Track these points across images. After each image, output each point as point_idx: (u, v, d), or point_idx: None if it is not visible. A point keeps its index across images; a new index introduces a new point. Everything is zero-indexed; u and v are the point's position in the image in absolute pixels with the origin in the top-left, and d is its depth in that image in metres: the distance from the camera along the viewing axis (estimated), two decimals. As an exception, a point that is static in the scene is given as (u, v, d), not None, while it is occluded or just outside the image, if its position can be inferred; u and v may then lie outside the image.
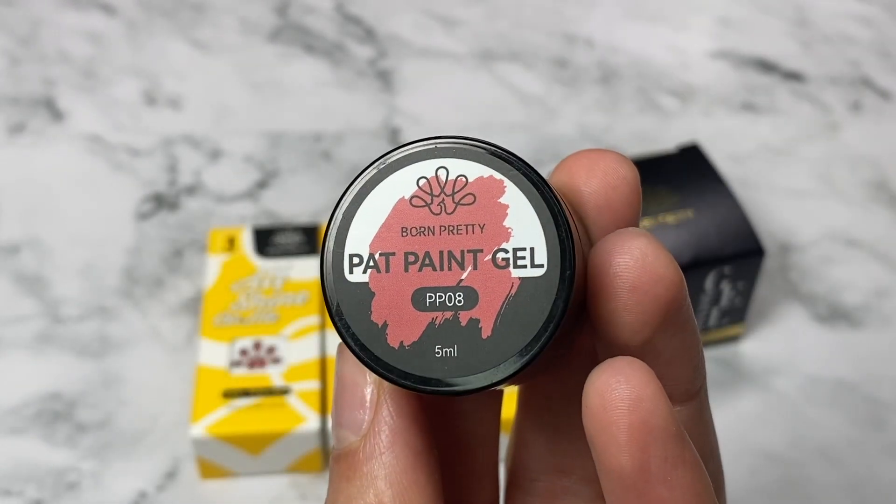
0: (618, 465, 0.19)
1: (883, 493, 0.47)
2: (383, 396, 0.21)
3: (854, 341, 0.53)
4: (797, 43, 0.71)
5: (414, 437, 0.21)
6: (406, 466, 0.21)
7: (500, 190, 0.20)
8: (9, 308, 0.53)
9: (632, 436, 0.19)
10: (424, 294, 0.20)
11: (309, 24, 0.71)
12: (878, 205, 0.60)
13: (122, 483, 0.47)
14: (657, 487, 0.19)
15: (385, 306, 0.20)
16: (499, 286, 0.20)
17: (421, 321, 0.20)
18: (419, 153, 0.21)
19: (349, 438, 0.21)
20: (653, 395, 0.19)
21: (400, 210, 0.21)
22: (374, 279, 0.20)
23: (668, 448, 0.19)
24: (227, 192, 0.59)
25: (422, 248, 0.20)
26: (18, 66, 0.67)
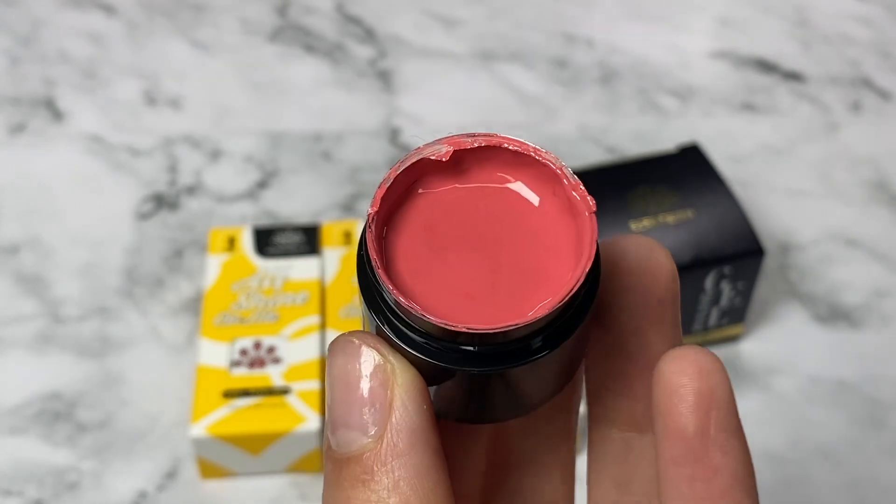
0: (682, 426, 0.20)
1: (883, 493, 0.47)
2: (398, 394, 0.20)
3: (854, 341, 0.53)
4: (797, 43, 0.71)
5: (433, 436, 0.20)
6: (428, 467, 0.20)
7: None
8: (9, 308, 0.53)
9: (699, 400, 0.20)
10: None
11: (309, 24, 0.71)
12: (878, 205, 0.60)
13: (122, 483, 0.47)
14: (714, 452, 0.20)
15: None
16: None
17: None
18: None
19: (359, 440, 0.20)
20: (720, 371, 0.21)
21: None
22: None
23: (727, 418, 0.21)
24: (228, 192, 0.59)
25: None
26: (19, 66, 0.67)
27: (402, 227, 0.21)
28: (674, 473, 0.21)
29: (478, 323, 0.20)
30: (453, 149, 0.21)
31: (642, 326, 0.22)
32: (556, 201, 0.21)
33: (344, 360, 0.21)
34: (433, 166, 0.21)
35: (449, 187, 0.22)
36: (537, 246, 0.21)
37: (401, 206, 0.22)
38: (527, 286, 0.21)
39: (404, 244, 0.21)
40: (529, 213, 0.22)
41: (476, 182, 0.22)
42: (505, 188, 0.22)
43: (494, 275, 0.21)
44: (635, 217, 0.49)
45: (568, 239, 0.21)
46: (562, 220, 0.21)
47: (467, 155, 0.22)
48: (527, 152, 0.21)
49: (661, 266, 0.22)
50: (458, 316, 0.20)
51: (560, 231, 0.21)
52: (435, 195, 0.22)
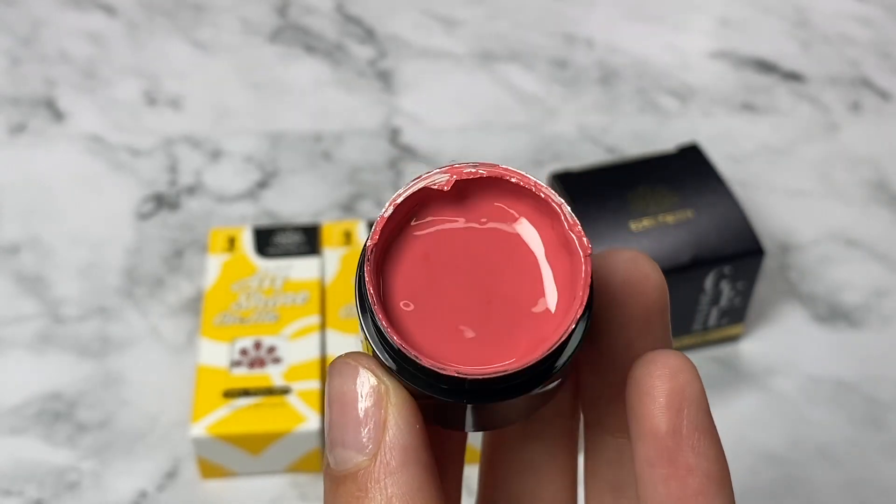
0: (655, 427, 0.21)
1: (883, 493, 0.47)
2: (391, 413, 0.21)
3: (853, 341, 0.53)
4: (797, 43, 0.71)
5: (425, 454, 0.21)
6: (421, 484, 0.20)
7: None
8: (9, 308, 0.53)
9: (670, 399, 0.21)
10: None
11: (309, 24, 0.71)
12: (878, 205, 0.60)
13: (122, 483, 0.47)
14: (687, 453, 0.21)
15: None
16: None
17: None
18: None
19: (354, 458, 0.21)
20: (690, 371, 0.21)
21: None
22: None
23: (699, 417, 0.21)
24: (228, 192, 0.59)
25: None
26: (19, 67, 0.67)
27: (399, 255, 0.22)
28: (649, 474, 0.21)
29: (467, 363, 0.20)
30: (455, 178, 0.21)
31: (632, 339, 0.23)
32: (553, 235, 0.22)
33: (341, 382, 0.21)
34: (433, 195, 0.22)
35: (448, 217, 0.22)
36: (532, 279, 0.22)
37: (399, 234, 0.22)
38: (519, 319, 0.21)
39: (401, 272, 0.21)
40: (526, 246, 0.22)
41: (475, 212, 0.22)
42: (503, 220, 0.22)
43: (488, 306, 0.21)
44: (635, 217, 0.49)
45: (562, 274, 0.21)
46: (558, 255, 0.22)
47: (468, 185, 0.22)
48: (527, 186, 0.21)
49: (648, 278, 0.23)
50: (448, 349, 0.21)
51: (555, 266, 0.22)
52: (433, 225, 0.22)
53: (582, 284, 0.21)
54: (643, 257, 0.23)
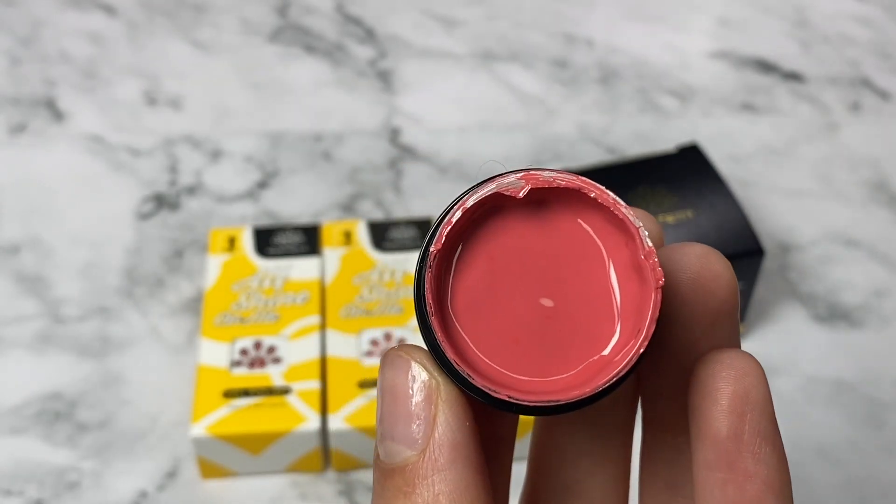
0: (715, 430, 0.20)
1: (882, 492, 0.47)
2: (441, 409, 0.20)
3: (853, 341, 0.53)
4: (797, 43, 0.71)
5: (474, 452, 0.21)
6: (468, 483, 0.20)
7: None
8: (9, 308, 0.53)
9: (732, 402, 0.20)
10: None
11: (309, 24, 0.71)
12: (878, 205, 0.60)
13: (122, 483, 0.47)
14: (746, 459, 0.20)
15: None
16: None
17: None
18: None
19: (403, 453, 0.21)
20: (757, 374, 0.21)
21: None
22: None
23: (762, 423, 0.21)
24: (228, 193, 0.59)
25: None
26: (19, 67, 0.67)
27: (462, 257, 0.21)
28: (707, 477, 0.21)
29: (520, 385, 0.20)
30: (531, 186, 0.20)
31: (698, 338, 0.22)
32: (626, 256, 0.21)
33: (393, 374, 0.21)
34: (505, 200, 0.21)
35: (517, 225, 0.21)
36: (596, 299, 0.21)
37: (463, 237, 0.21)
38: (578, 341, 0.21)
39: (462, 276, 0.21)
40: (595, 264, 0.21)
41: (547, 222, 0.21)
42: (575, 234, 0.21)
43: (547, 321, 0.21)
44: (635, 217, 0.49)
45: (630, 298, 0.21)
46: (628, 277, 0.21)
47: (543, 194, 0.21)
48: (606, 204, 0.20)
49: (720, 277, 0.22)
50: (503, 362, 0.20)
51: (624, 288, 0.21)
52: (501, 232, 0.21)
53: (649, 318, 0.20)
54: (715, 254, 0.22)
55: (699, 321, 0.22)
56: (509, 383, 0.20)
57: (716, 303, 0.22)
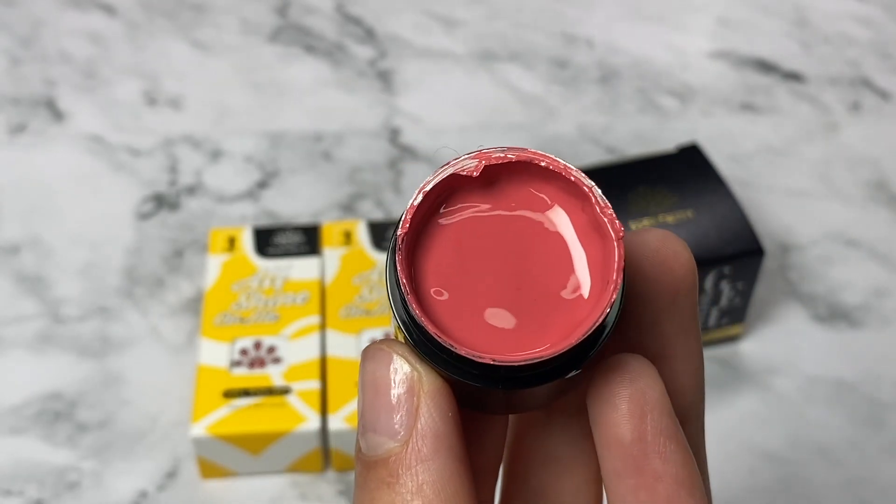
0: (618, 435, 0.20)
1: (883, 492, 0.47)
2: (424, 400, 0.21)
3: (853, 341, 0.53)
4: (797, 43, 0.71)
5: (457, 443, 0.21)
6: (452, 473, 0.20)
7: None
8: (9, 308, 0.53)
9: (631, 405, 0.20)
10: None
11: (309, 24, 0.71)
12: (878, 205, 0.60)
13: (122, 483, 0.47)
14: (653, 459, 0.20)
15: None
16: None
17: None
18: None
19: (386, 444, 0.21)
20: (650, 374, 0.21)
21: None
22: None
23: (663, 422, 0.21)
24: (228, 192, 0.59)
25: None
26: (19, 67, 0.67)
27: (429, 243, 0.21)
28: (617, 486, 0.21)
29: (500, 350, 0.20)
30: (483, 163, 0.21)
31: (658, 317, 0.22)
32: (584, 218, 0.21)
33: (374, 367, 0.21)
34: (462, 182, 0.21)
35: (477, 203, 0.22)
36: (564, 264, 0.21)
37: (428, 222, 0.21)
38: (551, 305, 0.21)
39: (432, 260, 0.21)
40: (557, 230, 0.22)
41: (505, 197, 0.22)
42: (533, 204, 0.22)
43: (519, 292, 0.21)
44: (635, 217, 0.49)
45: (595, 258, 0.21)
46: (589, 238, 0.21)
47: (497, 170, 0.21)
48: (557, 169, 0.21)
49: (678, 255, 0.22)
50: (480, 337, 0.20)
51: (587, 250, 0.21)
52: (463, 211, 0.22)
53: (616, 268, 0.20)
54: (672, 236, 0.22)
55: (660, 298, 0.22)
56: (491, 351, 0.20)
57: (674, 279, 0.22)
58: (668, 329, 0.22)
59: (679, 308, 0.23)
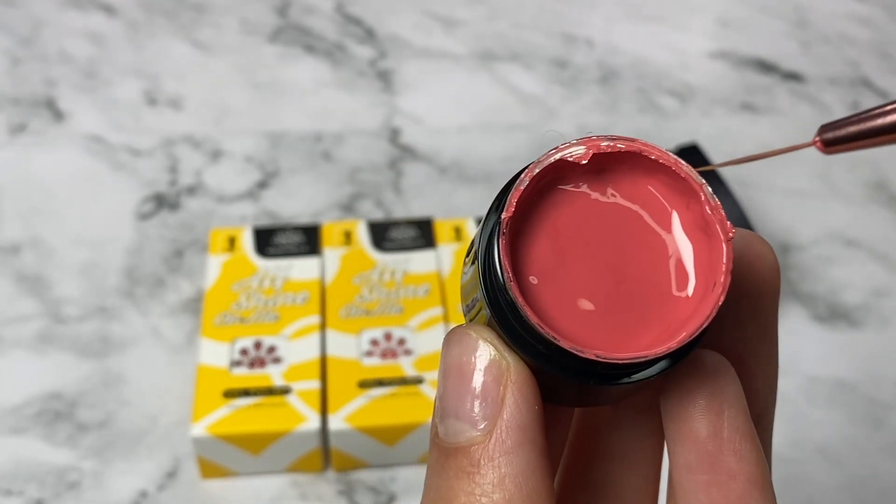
0: (694, 430, 0.20)
1: (883, 492, 0.47)
2: (510, 391, 0.20)
3: (853, 341, 0.53)
4: (796, 43, 0.71)
5: (540, 436, 0.20)
6: (534, 467, 0.20)
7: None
8: (10, 308, 0.53)
9: (709, 400, 0.20)
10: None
11: (309, 24, 0.71)
12: (878, 205, 0.60)
13: (122, 482, 0.47)
14: (728, 457, 0.20)
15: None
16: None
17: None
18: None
19: (468, 432, 0.20)
20: (729, 372, 0.21)
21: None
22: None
23: (739, 419, 0.20)
24: (228, 192, 0.59)
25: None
26: (20, 67, 0.67)
27: (528, 228, 0.21)
28: (689, 481, 0.21)
29: (596, 345, 0.20)
30: (592, 151, 0.21)
31: (741, 320, 0.22)
32: (689, 216, 0.21)
33: (459, 352, 0.21)
34: (568, 168, 0.21)
35: (581, 191, 0.21)
36: (665, 260, 0.21)
37: (529, 207, 0.21)
38: (651, 301, 0.20)
39: (529, 246, 0.21)
40: (661, 225, 0.21)
41: (610, 187, 0.21)
42: (639, 197, 0.21)
43: (618, 286, 0.20)
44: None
45: (699, 256, 0.21)
46: (694, 236, 0.21)
47: (604, 159, 0.21)
48: (667, 163, 0.21)
49: (762, 258, 0.22)
50: (573, 328, 0.20)
51: (691, 247, 0.21)
52: (566, 198, 0.21)
53: (724, 270, 0.20)
54: (758, 238, 0.22)
55: (744, 299, 0.22)
56: (591, 345, 0.19)
57: (759, 282, 0.22)
58: (750, 332, 0.22)
59: (762, 311, 0.22)
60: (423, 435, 0.46)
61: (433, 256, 0.52)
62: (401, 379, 0.46)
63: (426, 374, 0.47)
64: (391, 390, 0.46)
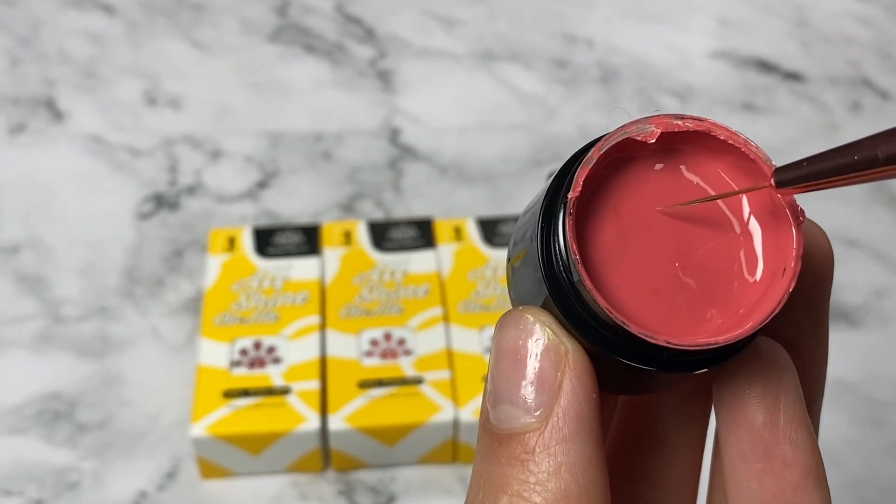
0: (750, 417, 0.20)
1: (883, 493, 0.47)
2: (569, 377, 0.19)
3: (854, 341, 0.53)
4: (797, 43, 0.71)
5: (597, 425, 0.20)
6: (591, 457, 0.19)
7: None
8: (9, 308, 0.53)
9: (766, 388, 0.20)
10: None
11: (309, 24, 0.71)
12: (878, 205, 0.60)
13: (122, 483, 0.47)
14: (784, 445, 0.20)
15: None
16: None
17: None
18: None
19: (523, 418, 0.19)
20: (786, 360, 0.20)
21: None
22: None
23: (795, 408, 0.20)
24: (228, 192, 0.59)
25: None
26: (19, 67, 0.67)
27: (592, 208, 0.20)
28: (742, 470, 0.20)
29: (670, 333, 0.19)
30: (660, 131, 0.20)
31: (795, 307, 0.21)
32: (758, 198, 0.20)
33: (515, 335, 0.20)
34: (636, 147, 0.20)
35: (649, 171, 0.20)
36: (732, 244, 0.20)
37: (595, 186, 0.20)
38: (716, 288, 0.20)
39: (593, 228, 0.20)
40: (729, 208, 0.20)
41: (677, 168, 0.20)
42: (707, 179, 0.20)
43: (682, 271, 0.20)
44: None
45: (767, 240, 0.20)
46: (762, 219, 0.20)
47: (673, 138, 0.20)
48: (736, 144, 0.20)
49: (820, 246, 0.22)
50: (641, 312, 0.19)
51: (759, 231, 0.20)
52: (632, 178, 0.20)
53: (795, 255, 0.19)
54: (815, 225, 0.21)
55: (800, 288, 0.21)
56: (659, 331, 0.19)
57: (815, 269, 0.21)
58: (804, 319, 0.22)
59: (816, 298, 0.22)
60: (423, 435, 0.46)
61: (433, 256, 0.52)
62: (401, 379, 0.46)
63: (426, 374, 0.47)
64: (391, 390, 0.46)
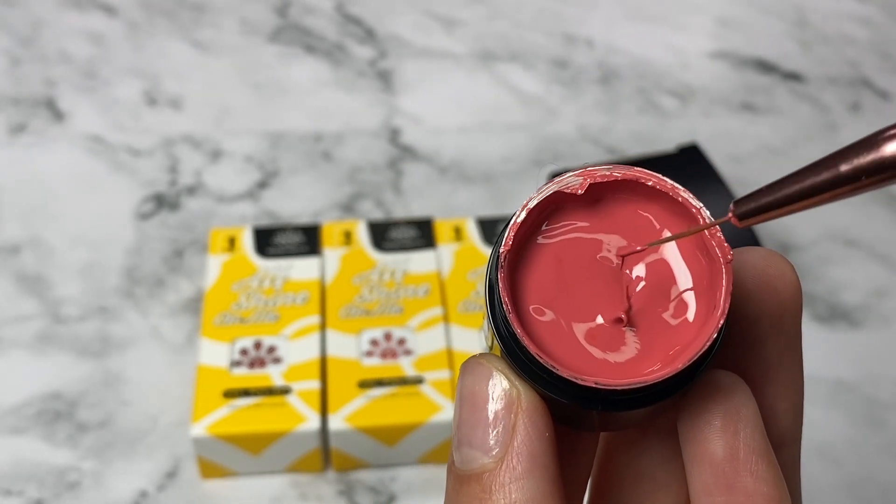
0: (710, 451, 0.20)
1: (882, 492, 0.47)
2: (521, 418, 0.20)
3: (853, 341, 0.53)
4: (796, 43, 0.71)
5: (552, 463, 0.20)
6: (544, 494, 0.20)
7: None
8: (10, 308, 0.53)
9: (725, 421, 0.20)
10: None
11: (309, 24, 0.71)
12: (878, 205, 0.60)
13: (122, 482, 0.47)
14: (745, 477, 0.20)
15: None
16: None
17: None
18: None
19: (480, 459, 0.20)
20: (744, 392, 0.21)
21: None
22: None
23: (755, 440, 0.20)
24: (228, 193, 0.59)
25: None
26: (19, 67, 0.67)
27: (530, 260, 0.21)
28: (707, 503, 0.21)
29: (601, 371, 0.20)
30: (589, 181, 0.21)
31: (761, 339, 0.22)
32: (689, 240, 0.21)
33: (472, 381, 0.21)
34: (566, 199, 0.21)
35: (580, 221, 0.21)
36: (666, 285, 0.21)
37: (529, 239, 0.21)
38: (652, 328, 0.21)
39: (532, 278, 0.21)
40: (662, 252, 0.21)
41: (609, 215, 0.21)
42: (638, 224, 0.21)
43: (621, 312, 0.21)
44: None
45: (699, 280, 0.21)
46: (693, 260, 0.21)
47: (602, 188, 0.21)
48: (664, 189, 0.21)
49: (784, 276, 0.22)
50: (580, 357, 0.20)
51: (691, 271, 0.21)
52: (565, 229, 0.21)
53: (723, 293, 0.20)
54: (778, 255, 0.22)
55: (764, 319, 0.22)
56: (592, 373, 0.20)
57: (780, 301, 0.22)
58: (771, 351, 0.22)
59: (783, 330, 0.22)
60: (423, 435, 0.46)
61: (433, 256, 0.52)
62: (401, 379, 0.46)
63: (426, 374, 0.47)
64: (391, 390, 0.46)
